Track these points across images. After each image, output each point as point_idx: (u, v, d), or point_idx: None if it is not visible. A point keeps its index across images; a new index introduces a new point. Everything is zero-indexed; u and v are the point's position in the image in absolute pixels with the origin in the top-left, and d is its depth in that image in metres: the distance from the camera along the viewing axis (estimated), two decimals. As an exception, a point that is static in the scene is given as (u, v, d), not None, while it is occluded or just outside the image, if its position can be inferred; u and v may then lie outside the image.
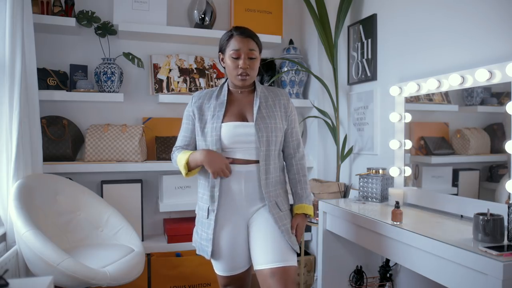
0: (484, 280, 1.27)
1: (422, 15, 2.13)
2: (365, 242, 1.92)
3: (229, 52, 1.70)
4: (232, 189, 1.70)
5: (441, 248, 1.43)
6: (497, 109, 1.68)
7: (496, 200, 1.68)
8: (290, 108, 1.81)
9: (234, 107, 1.75)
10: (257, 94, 1.76)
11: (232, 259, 1.73)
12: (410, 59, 2.22)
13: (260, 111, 1.72)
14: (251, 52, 1.69)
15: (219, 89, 1.81)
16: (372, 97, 2.54)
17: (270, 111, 1.74)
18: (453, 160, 1.94)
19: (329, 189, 2.65)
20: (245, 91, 1.80)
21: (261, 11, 3.09)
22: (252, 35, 1.72)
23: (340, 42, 2.88)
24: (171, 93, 2.88)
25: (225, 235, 1.71)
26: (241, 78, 1.70)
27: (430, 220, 1.80)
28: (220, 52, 1.78)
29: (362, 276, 2.34)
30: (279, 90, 1.84)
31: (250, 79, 1.73)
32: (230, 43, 1.70)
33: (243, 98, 1.79)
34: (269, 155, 1.69)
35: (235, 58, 1.69)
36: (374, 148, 2.54)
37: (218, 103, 1.75)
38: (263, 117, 1.71)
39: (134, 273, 2.08)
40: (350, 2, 2.65)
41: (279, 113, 1.76)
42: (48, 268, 1.78)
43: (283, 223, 1.70)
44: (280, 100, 1.79)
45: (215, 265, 1.79)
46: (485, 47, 1.76)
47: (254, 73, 1.73)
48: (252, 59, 1.70)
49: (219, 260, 1.75)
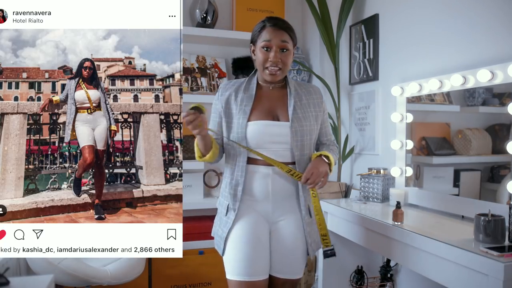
0: (485, 281, 1.27)
1: (424, 15, 2.13)
2: (366, 242, 1.92)
3: (260, 43, 1.59)
4: (257, 190, 1.60)
5: (442, 248, 1.43)
6: (498, 109, 1.68)
7: (497, 201, 1.67)
8: (323, 107, 1.71)
9: (263, 103, 1.64)
10: (291, 92, 1.65)
11: (252, 261, 1.56)
12: (412, 59, 2.22)
13: (296, 111, 1.61)
14: (284, 44, 1.57)
15: (247, 81, 1.69)
16: (374, 97, 2.54)
17: (305, 111, 1.63)
18: (455, 161, 1.94)
19: (330, 189, 2.65)
20: (276, 86, 1.68)
21: (263, 11, 3.09)
22: (286, 27, 1.60)
23: (342, 42, 2.88)
24: (173, 92, 2.88)
25: (244, 236, 1.58)
26: (269, 73, 1.59)
27: (431, 221, 1.80)
28: (251, 43, 1.66)
29: (363, 276, 2.34)
30: (312, 87, 1.73)
31: (281, 74, 1.61)
32: (262, 34, 1.59)
33: (274, 94, 1.67)
34: (303, 159, 1.60)
35: (266, 49, 1.58)
36: (375, 148, 2.54)
37: (246, 96, 1.64)
38: (298, 118, 1.60)
39: (135, 272, 2.08)
40: (352, 2, 2.64)
41: (313, 113, 1.65)
42: (49, 266, 1.79)
43: (311, 233, 1.65)
44: (314, 99, 1.68)
45: (230, 268, 1.60)
46: (487, 47, 1.76)
47: (286, 67, 1.61)
48: (284, 51, 1.58)
49: (236, 261, 1.57)
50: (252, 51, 1.67)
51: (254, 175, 1.61)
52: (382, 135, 2.49)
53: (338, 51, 2.75)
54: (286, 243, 1.62)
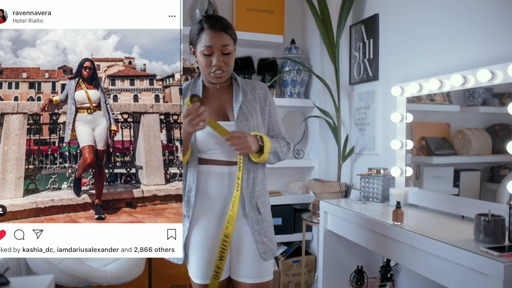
0: (485, 281, 1.27)
1: (424, 15, 2.13)
2: (366, 242, 1.92)
3: (200, 48, 1.56)
4: (212, 192, 1.57)
5: (442, 248, 1.43)
6: (498, 109, 1.68)
7: (497, 200, 1.68)
8: (268, 100, 1.68)
9: (212, 104, 1.61)
10: (239, 88, 1.63)
11: (206, 265, 1.55)
12: (412, 59, 2.22)
13: (241, 108, 1.59)
14: (225, 48, 1.55)
15: (193, 84, 1.67)
16: (374, 97, 2.54)
17: (250, 106, 1.62)
18: (455, 161, 1.94)
19: (330, 189, 2.65)
20: (222, 86, 1.66)
21: (263, 11, 3.09)
22: (225, 27, 1.56)
23: (342, 42, 2.88)
24: (173, 92, 2.88)
25: (200, 239, 1.57)
26: (215, 76, 1.57)
27: (431, 221, 1.80)
28: (190, 45, 1.64)
29: (363, 276, 2.34)
30: (257, 82, 1.72)
31: (226, 75, 1.60)
32: (201, 38, 1.56)
33: (221, 93, 1.65)
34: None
35: (208, 55, 1.55)
36: (375, 148, 2.54)
37: None
38: (244, 114, 1.58)
39: (135, 272, 2.08)
40: (352, 2, 2.64)
41: (258, 107, 1.63)
42: (49, 266, 1.79)
43: (259, 232, 1.58)
44: (260, 94, 1.66)
45: (191, 271, 1.61)
46: (487, 47, 1.76)
47: (229, 68, 1.59)
48: (226, 54, 1.56)
49: (195, 264, 1.58)
50: (193, 52, 1.64)
51: (209, 176, 1.57)
52: (382, 135, 2.49)
53: (338, 51, 2.75)
54: (240, 239, 1.57)
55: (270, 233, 1.64)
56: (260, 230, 1.59)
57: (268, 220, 1.65)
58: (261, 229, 1.60)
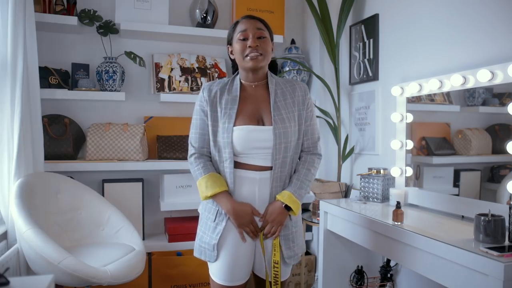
0: (485, 281, 1.26)
1: (424, 15, 2.13)
2: (366, 242, 1.92)
3: (236, 38, 1.56)
4: (245, 196, 1.57)
5: (442, 248, 1.43)
6: (498, 109, 1.68)
7: (497, 201, 1.67)
8: (307, 103, 1.63)
9: (248, 105, 1.58)
10: (272, 90, 1.59)
11: (234, 268, 1.57)
12: (412, 59, 2.22)
13: (279, 112, 1.56)
14: (260, 32, 1.54)
15: (231, 81, 1.64)
16: (374, 97, 2.54)
17: (289, 110, 1.58)
18: (455, 161, 1.94)
19: (330, 189, 2.65)
20: (259, 85, 1.62)
21: (263, 11, 3.09)
22: (260, 19, 1.59)
23: (342, 42, 2.88)
24: (173, 92, 2.88)
25: (230, 242, 1.57)
26: (250, 58, 1.53)
27: (431, 221, 1.79)
28: (228, 45, 1.64)
29: (363, 276, 2.34)
30: (297, 83, 1.66)
31: (263, 59, 1.55)
32: (236, 29, 1.57)
33: (258, 93, 1.61)
34: (285, 162, 1.56)
35: (243, 39, 1.54)
36: (375, 148, 2.54)
37: (231, 98, 1.58)
38: (282, 120, 1.55)
39: (134, 272, 2.08)
40: (352, 2, 2.64)
41: (296, 112, 1.59)
42: (49, 266, 1.79)
43: (287, 237, 1.60)
44: (298, 97, 1.62)
45: (214, 271, 1.60)
46: (487, 47, 1.76)
47: (267, 54, 1.55)
48: (261, 38, 1.54)
49: (221, 267, 1.57)
50: (230, 52, 1.64)
51: (243, 181, 1.57)
52: (382, 135, 2.49)
53: (338, 51, 2.75)
54: (266, 247, 1.60)
55: (298, 238, 1.67)
56: (289, 235, 1.62)
57: (298, 225, 1.68)
58: (289, 234, 1.62)
